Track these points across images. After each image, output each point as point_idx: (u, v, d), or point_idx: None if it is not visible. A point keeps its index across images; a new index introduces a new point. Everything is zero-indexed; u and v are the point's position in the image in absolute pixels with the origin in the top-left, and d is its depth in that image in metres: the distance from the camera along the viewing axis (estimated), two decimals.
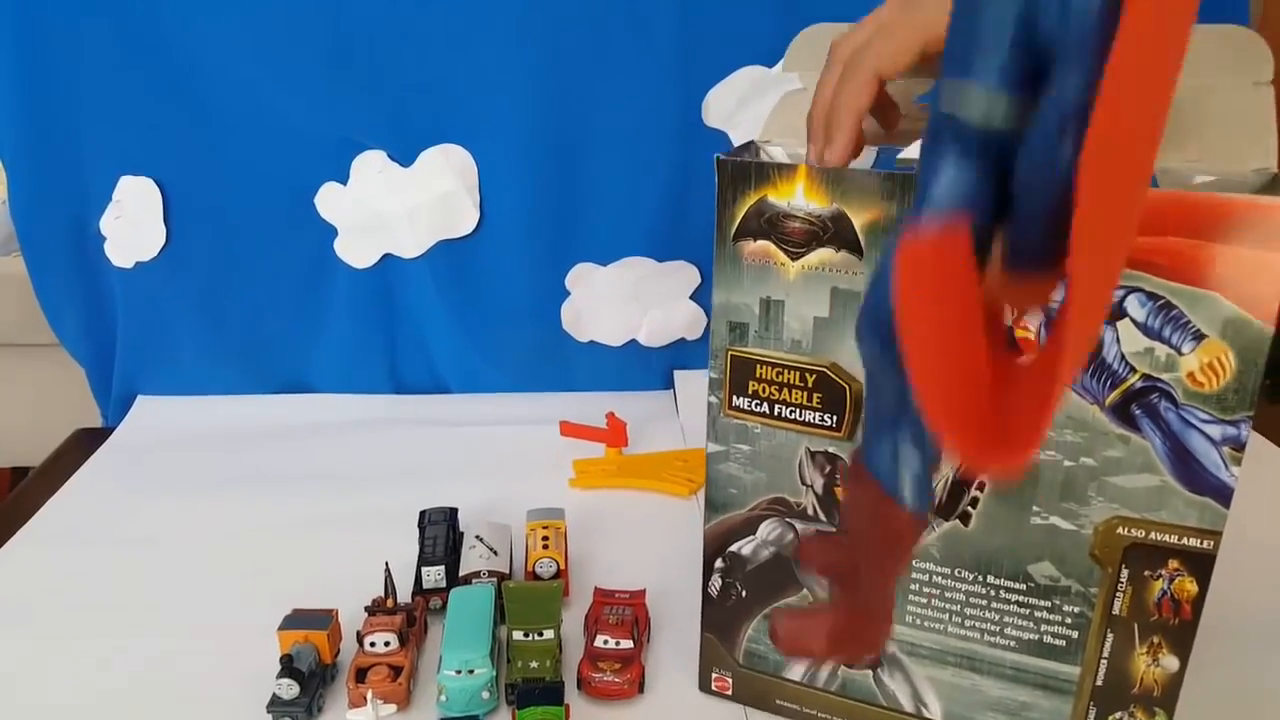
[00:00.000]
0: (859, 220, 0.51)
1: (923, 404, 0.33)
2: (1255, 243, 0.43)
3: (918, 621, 0.57)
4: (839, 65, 0.52)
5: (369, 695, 0.60)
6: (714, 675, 0.64)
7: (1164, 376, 0.47)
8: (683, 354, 1.09)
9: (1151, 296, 0.46)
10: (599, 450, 0.96)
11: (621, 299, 1.05)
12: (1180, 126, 0.53)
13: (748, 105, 0.95)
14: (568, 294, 1.05)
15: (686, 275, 1.04)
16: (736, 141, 0.96)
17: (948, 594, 0.55)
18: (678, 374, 1.10)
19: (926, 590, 0.56)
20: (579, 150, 0.97)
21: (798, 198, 0.52)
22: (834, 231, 0.51)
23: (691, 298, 1.06)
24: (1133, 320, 0.47)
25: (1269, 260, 0.43)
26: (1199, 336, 0.46)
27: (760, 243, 0.53)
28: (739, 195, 0.53)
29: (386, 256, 1.03)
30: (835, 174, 0.50)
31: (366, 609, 0.68)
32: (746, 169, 0.52)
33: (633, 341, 1.08)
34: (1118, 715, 0.53)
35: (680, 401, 1.07)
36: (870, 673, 0.59)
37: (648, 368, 1.10)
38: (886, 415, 0.39)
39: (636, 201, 1.00)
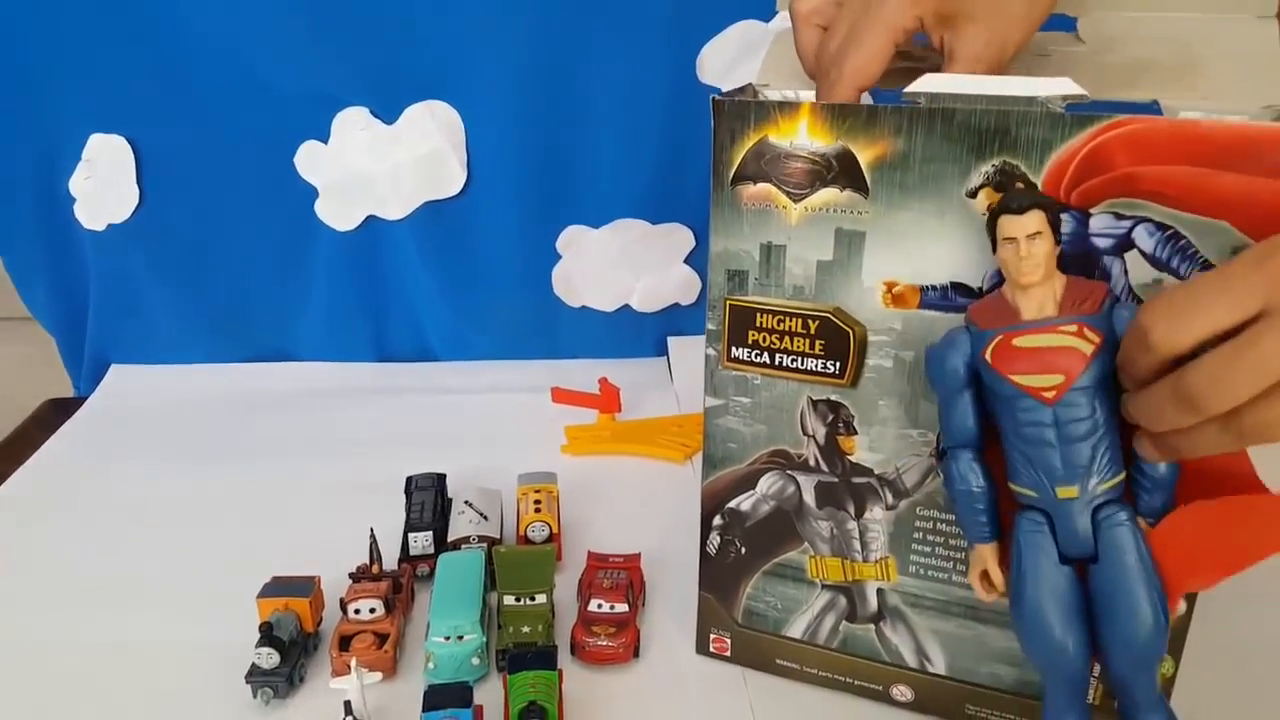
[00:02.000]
0: (865, 157, 0.48)
1: None
2: (1265, 171, 0.42)
3: (921, 571, 0.55)
4: (816, 79, 0.51)
5: (353, 663, 0.58)
6: (712, 636, 0.62)
7: None
8: (677, 319, 1.06)
9: (1160, 227, 0.44)
10: (591, 416, 0.94)
11: (614, 262, 1.02)
12: (1188, 64, 0.51)
13: (744, 61, 0.92)
14: (559, 257, 1.02)
15: (681, 238, 1.01)
16: None
17: (952, 541, 0.53)
18: (672, 340, 1.07)
19: (930, 538, 0.54)
20: (570, 108, 0.94)
21: (800, 136, 0.49)
22: (838, 170, 0.49)
23: (686, 261, 1.03)
24: (1141, 251, 0.45)
25: (1276, 188, 0.42)
26: (1207, 266, 0.44)
27: (760, 186, 0.51)
28: (738, 137, 0.50)
29: (370, 218, 1.00)
30: (841, 110, 0.48)
31: (351, 576, 0.66)
32: (745, 108, 0.50)
33: (626, 307, 1.05)
34: None
35: (675, 368, 1.04)
36: (873, 627, 0.57)
37: (641, 334, 1.07)
38: None
39: (629, 161, 0.97)
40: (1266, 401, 0.37)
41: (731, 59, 0.92)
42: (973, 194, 0.47)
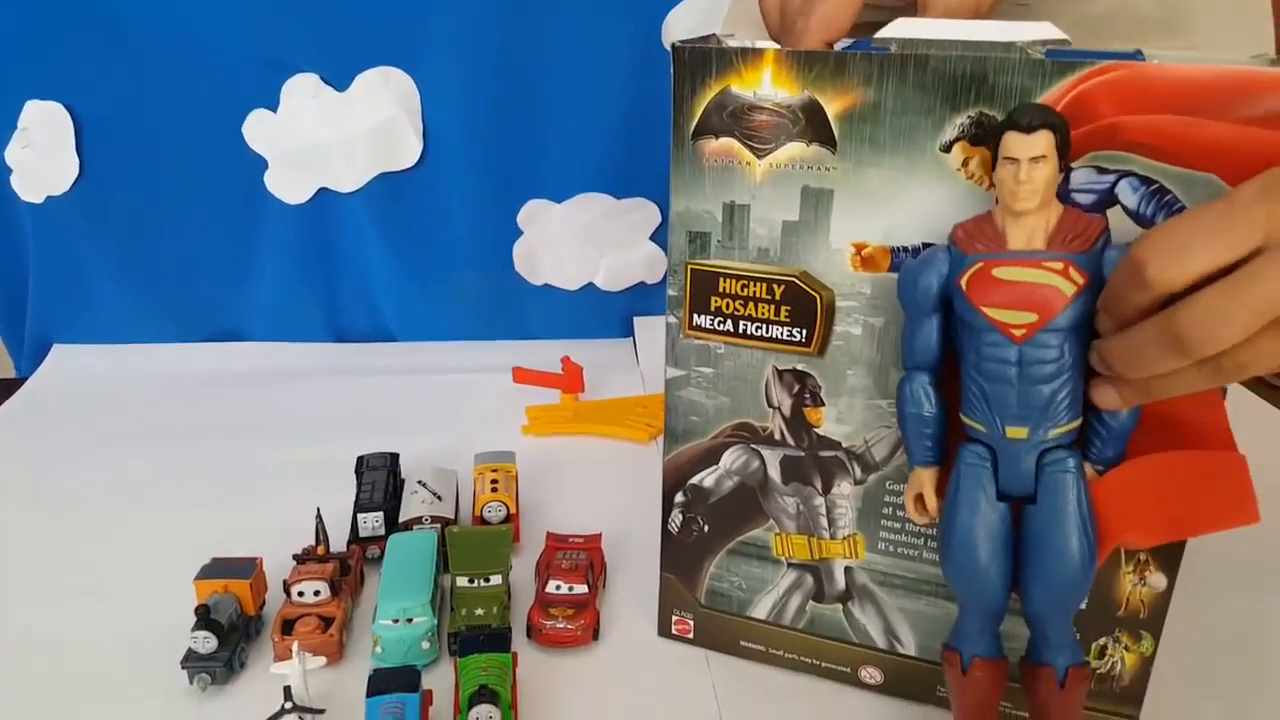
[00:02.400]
0: (833, 108, 0.46)
1: None
2: (1257, 119, 0.39)
3: (891, 549, 0.53)
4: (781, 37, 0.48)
5: (295, 647, 0.55)
6: (674, 618, 0.60)
7: None
8: (643, 299, 1.04)
9: (1144, 181, 0.42)
10: (554, 397, 0.91)
11: (578, 239, 0.99)
12: (1176, 15, 0.49)
13: (709, 28, 0.88)
14: (520, 233, 0.99)
15: (646, 213, 0.99)
16: None
17: None
18: (638, 320, 1.04)
19: (900, 514, 0.52)
20: (530, 75, 0.91)
21: (764, 86, 0.47)
22: (805, 123, 0.46)
23: (652, 238, 1.00)
24: (1124, 207, 0.43)
25: (1270, 139, 0.39)
26: None
27: (723, 140, 0.48)
28: (699, 87, 0.48)
29: (322, 191, 0.96)
30: (808, 57, 0.45)
31: (295, 557, 0.63)
32: (706, 55, 0.47)
33: (590, 285, 1.02)
34: (1103, 641, 0.50)
35: (641, 349, 1.02)
36: (840, 606, 0.55)
37: (606, 314, 1.04)
38: None
39: (593, 132, 0.94)
40: (1252, 341, 0.35)
41: (696, 25, 0.89)
42: (946, 148, 0.44)
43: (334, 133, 0.92)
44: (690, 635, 0.60)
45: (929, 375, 0.46)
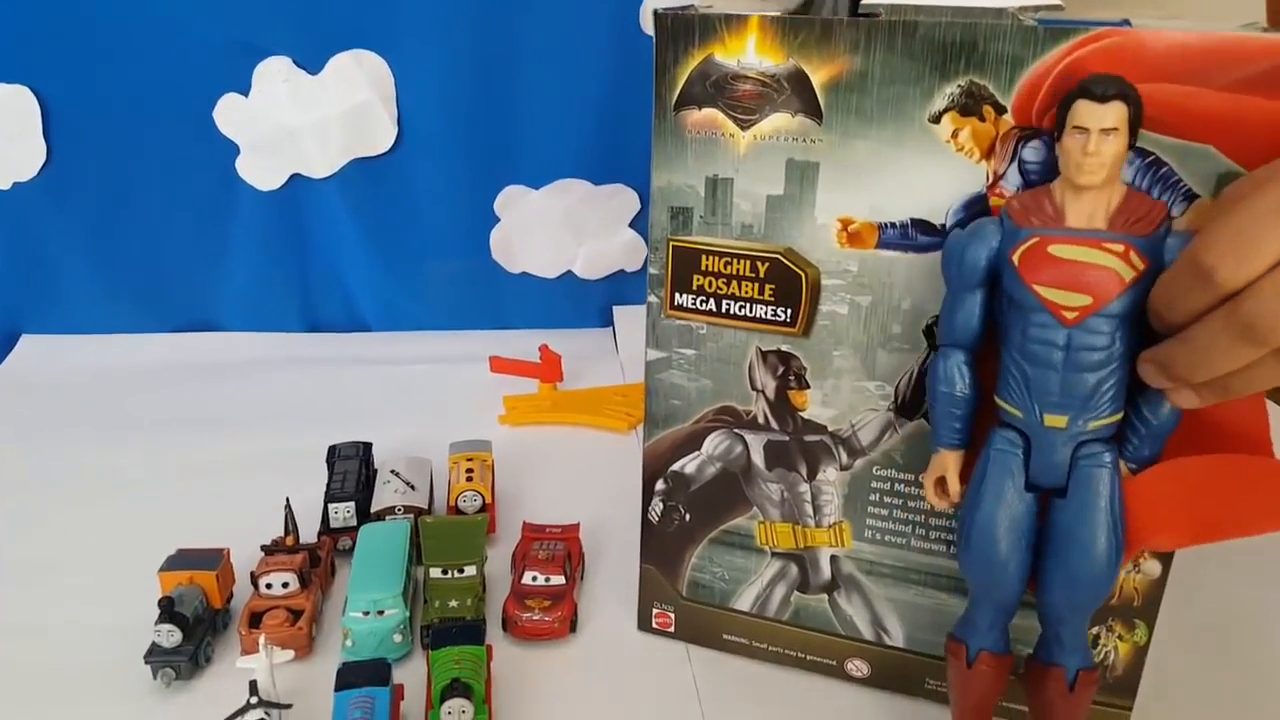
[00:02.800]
0: (819, 77, 0.44)
1: None
2: (1254, 88, 0.38)
3: (878, 536, 0.51)
4: None
5: (262, 640, 0.53)
6: (654, 611, 0.58)
7: None
8: (622, 288, 1.02)
9: (1140, 153, 0.41)
10: (532, 387, 0.89)
11: (556, 225, 0.97)
12: None
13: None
14: (497, 220, 0.97)
15: (625, 200, 0.97)
16: None
17: (911, 503, 0.50)
18: (617, 310, 1.03)
19: (888, 500, 0.50)
20: (508, 58, 0.89)
21: (748, 54, 0.45)
22: (790, 92, 0.45)
23: (631, 225, 0.99)
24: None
25: (1270, 108, 0.38)
26: (1190, 196, 0.41)
27: (706, 111, 0.47)
28: (681, 56, 0.46)
29: (295, 177, 0.94)
30: (792, 24, 0.44)
31: (263, 548, 0.61)
32: (689, 22, 0.46)
33: (568, 273, 1.01)
34: (1095, 630, 0.49)
35: (620, 338, 1.00)
36: (826, 597, 0.53)
37: (585, 303, 1.03)
38: None
39: (571, 117, 0.92)
40: None
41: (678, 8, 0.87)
42: (936, 119, 0.43)
43: (307, 117, 0.90)
44: (671, 629, 0.58)
45: (965, 354, 0.43)
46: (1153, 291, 0.38)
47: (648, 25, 0.88)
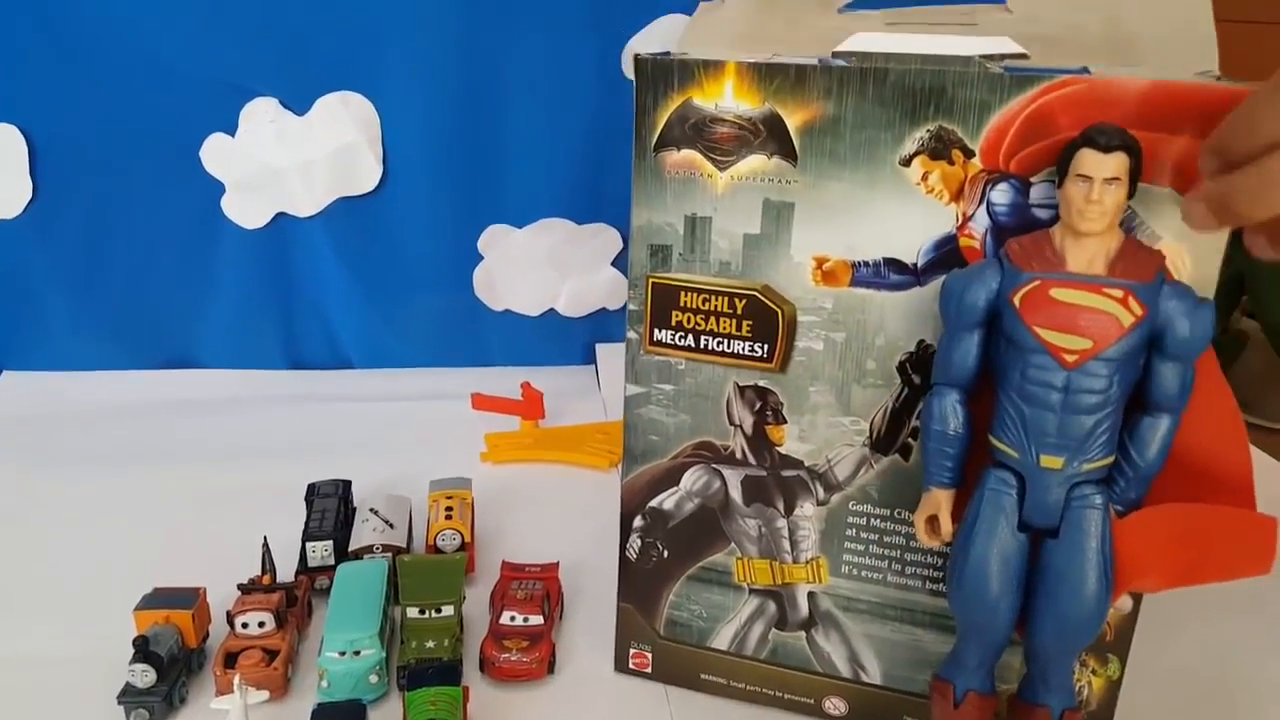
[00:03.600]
0: (794, 121, 0.45)
1: None
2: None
3: (855, 572, 0.51)
4: None
5: (237, 681, 0.52)
6: (631, 651, 0.58)
7: None
8: (604, 326, 1.03)
9: None
10: (514, 424, 0.89)
11: (539, 264, 0.98)
12: (1121, 34, 0.49)
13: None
14: (480, 258, 0.98)
15: (608, 239, 0.98)
16: None
17: (887, 538, 0.50)
18: (600, 347, 1.03)
19: (864, 535, 0.50)
20: (491, 101, 0.90)
21: (726, 98, 0.46)
22: (766, 135, 0.46)
23: (614, 264, 0.99)
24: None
25: None
26: (1153, 239, 0.42)
27: (684, 152, 0.48)
28: (660, 99, 0.47)
29: (280, 216, 0.95)
30: (768, 69, 0.45)
31: (240, 587, 0.61)
32: (669, 67, 0.47)
33: (551, 311, 1.01)
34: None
35: (603, 376, 1.00)
36: (804, 634, 0.53)
37: (568, 341, 1.03)
38: None
39: (554, 158, 0.93)
40: None
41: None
42: (906, 162, 0.44)
43: (293, 157, 0.91)
44: (649, 669, 0.58)
45: (960, 393, 0.44)
46: (1230, 118, 0.37)
47: (629, 69, 0.90)
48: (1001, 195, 0.43)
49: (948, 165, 0.44)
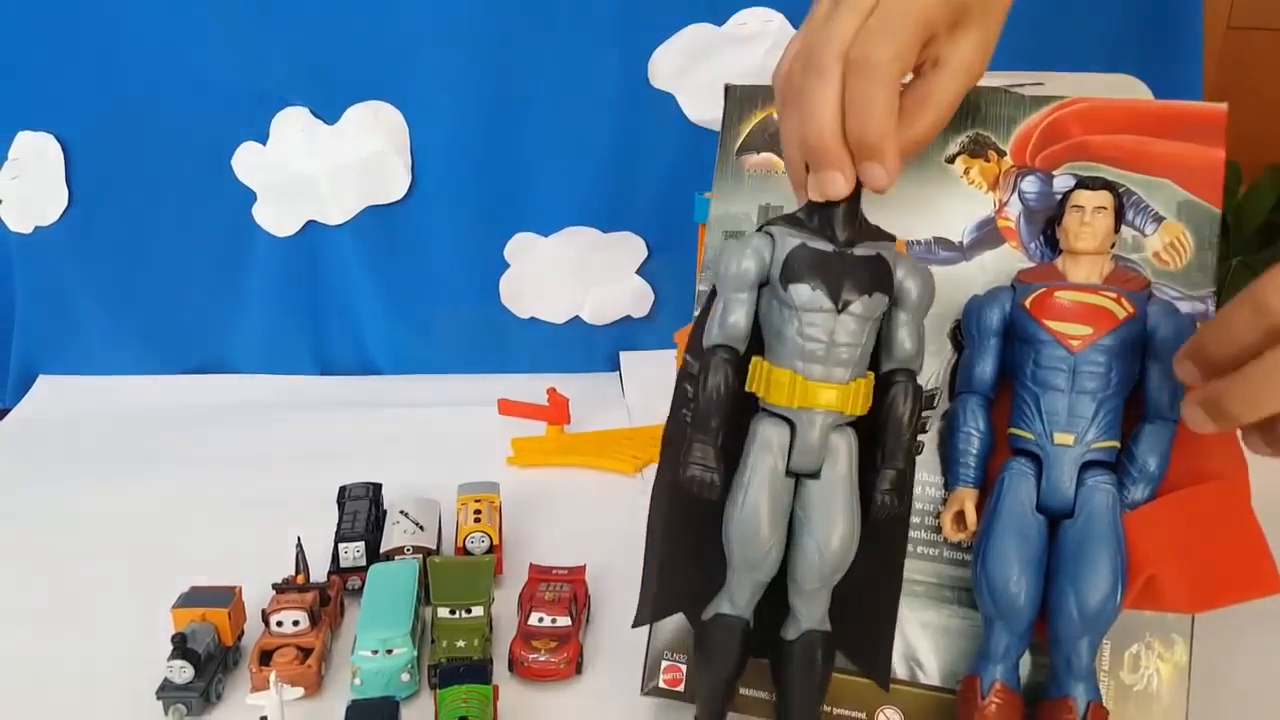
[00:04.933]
0: None
1: None
2: (1197, 141, 0.50)
3: (910, 548, 0.51)
4: (829, 75, 0.44)
5: (272, 678, 0.53)
6: (664, 664, 0.55)
7: (1133, 257, 0.51)
8: (629, 334, 1.03)
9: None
10: (540, 429, 0.90)
11: (564, 272, 0.99)
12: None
13: (696, 65, 0.90)
14: (507, 266, 0.99)
15: (633, 247, 0.99)
16: (685, 104, 0.91)
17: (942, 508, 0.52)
18: (624, 355, 1.04)
19: (917, 506, 0.51)
20: (519, 110, 0.92)
21: None
22: None
23: (638, 272, 1.00)
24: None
25: (1209, 154, 0.51)
26: (1158, 218, 0.51)
27: (763, 155, 0.57)
28: (745, 115, 0.56)
29: (310, 223, 0.96)
30: None
31: (275, 586, 0.62)
32: (755, 92, 0.56)
33: (576, 318, 1.02)
34: (1135, 649, 0.49)
35: (627, 383, 1.01)
36: None
37: (592, 348, 1.04)
38: None
39: (580, 167, 0.94)
40: None
41: (683, 63, 0.90)
42: (951, 160, 0.53)
43: (323, 166, 0.92)
44: (680, 687, 0.55)
45: (981, 399, 0.50)
46: (1205, 330, 0.42)
47: (655, 79, 0.91)
48: (1030, 185, 0.52)
49: (984, 162, 0.53)
